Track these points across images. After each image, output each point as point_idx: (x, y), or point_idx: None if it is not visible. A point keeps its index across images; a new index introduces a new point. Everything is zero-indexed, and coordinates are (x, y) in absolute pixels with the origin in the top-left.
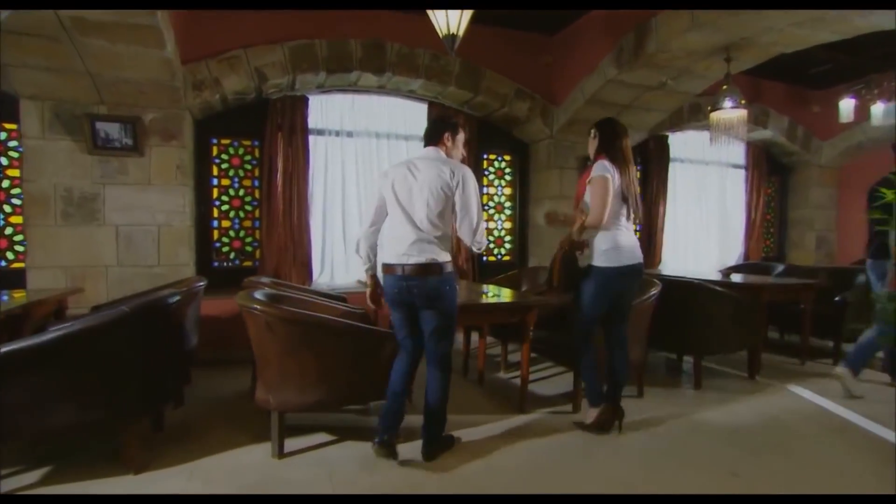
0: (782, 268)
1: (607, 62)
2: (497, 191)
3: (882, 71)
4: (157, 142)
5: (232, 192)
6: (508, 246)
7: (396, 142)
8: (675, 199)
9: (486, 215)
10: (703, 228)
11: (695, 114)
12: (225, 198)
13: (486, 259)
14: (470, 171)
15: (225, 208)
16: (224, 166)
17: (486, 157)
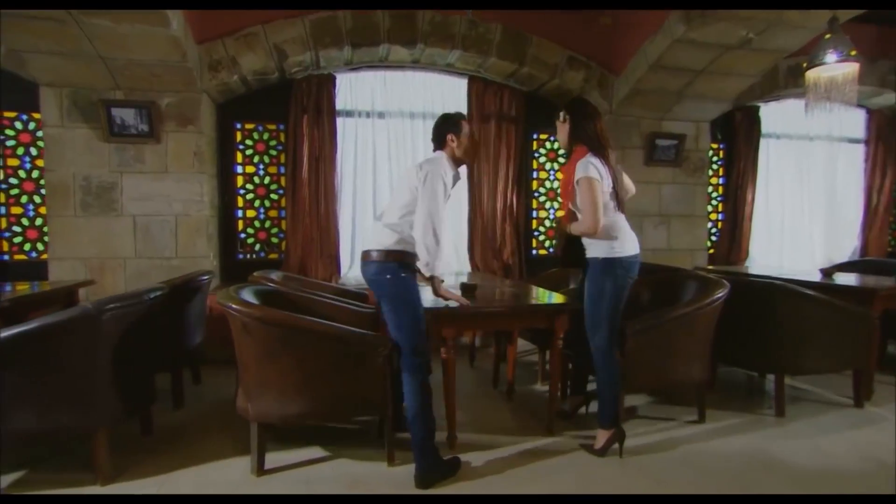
0: None
1: (675, 18)
2: (549, 175)
3: None
4: (174, 127)
5: (257, 179)
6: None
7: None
8: (768, 183)
9: (534, 203)
10: (805, 217)
11: (794, 77)
12: (250, 186)
13: (535, 253)
14: (442, 170)
15: (250, 197)
16: (248, 153)
17: (535, 137)
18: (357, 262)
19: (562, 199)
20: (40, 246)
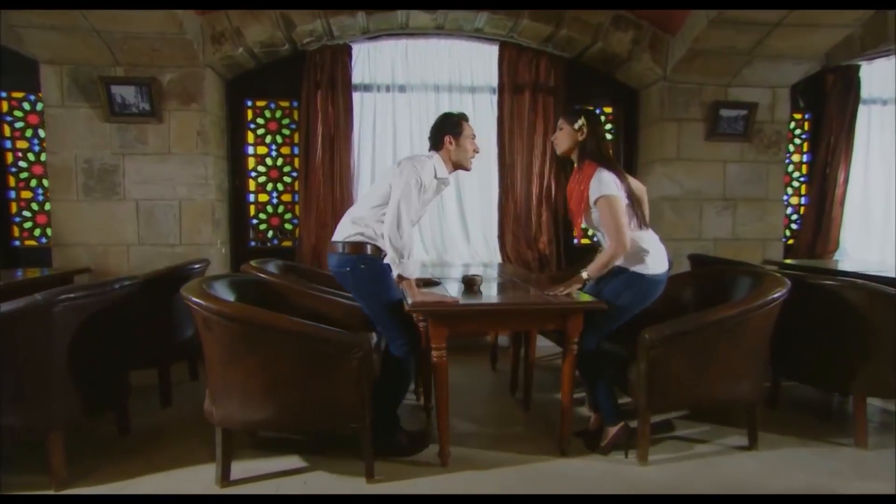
0: None
1: None
2: None
3: None
4: (176, 105)
5: (269, 161)
6: None
7: (461, 95)
8: (867, 160)
9: None
10: None
11: None
12: (262, 168)
13: (577, 241)
14: (420, 169)
15: (262, 180)
16: (260, 132)
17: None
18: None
19: (572, 216)
20: (50, 232)
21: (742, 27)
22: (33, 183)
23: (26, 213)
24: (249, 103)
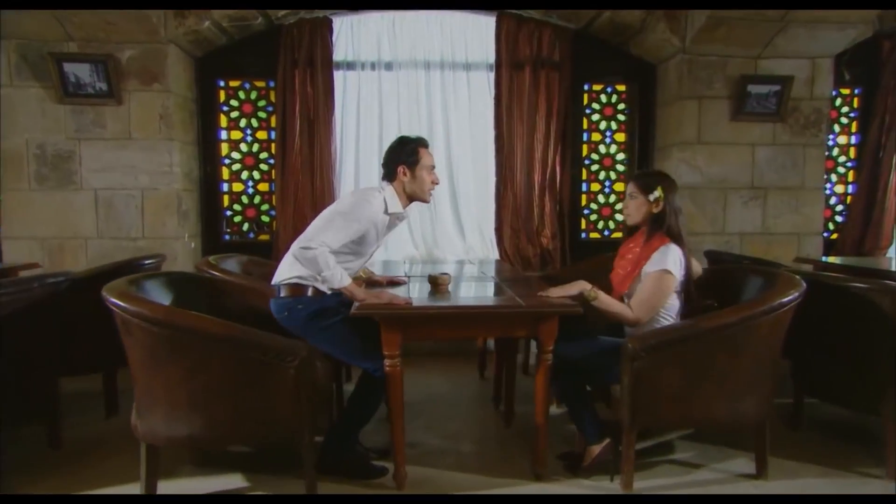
0: None
1: None
2: (605, 138)
3: None
4: (137, 86)
5: (244, 147)
6: (620, 217)
7: (454, 73)
8: None
9: (584, 173)
10: None
11: None
12: (236, 155)
13: (586, 235)
14: (362, 204)
15: (236, 168)
16: (234, 115)
17: (587, 88)
18: None
19: (615, 280)
20: None
21: None
22: None
23: None
24: (222, 83)
